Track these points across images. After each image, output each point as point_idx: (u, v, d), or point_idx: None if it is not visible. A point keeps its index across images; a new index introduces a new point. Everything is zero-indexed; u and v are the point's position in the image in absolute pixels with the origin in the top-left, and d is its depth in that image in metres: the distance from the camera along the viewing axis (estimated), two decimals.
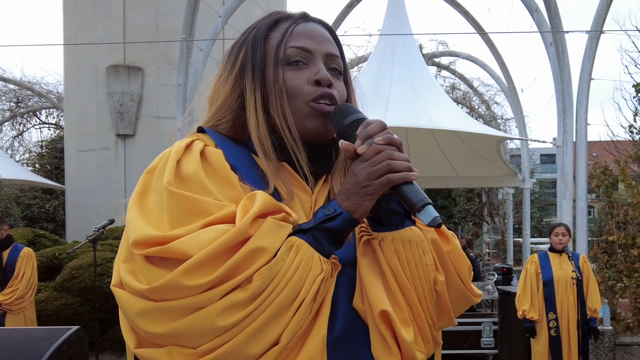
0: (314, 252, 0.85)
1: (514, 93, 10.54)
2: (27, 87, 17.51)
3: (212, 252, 0.78)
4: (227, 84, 1.04)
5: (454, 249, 1.00)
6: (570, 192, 6.38)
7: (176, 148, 0.96)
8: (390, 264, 0.92)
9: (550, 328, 4.87)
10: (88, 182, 11.49)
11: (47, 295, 6.32)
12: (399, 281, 0.92)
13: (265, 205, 0.85)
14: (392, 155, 0.88)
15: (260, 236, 0.81)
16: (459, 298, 1.02)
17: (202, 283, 0.77)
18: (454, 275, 1.00)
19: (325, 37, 1.05)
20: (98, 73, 11.37)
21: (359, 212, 0.88)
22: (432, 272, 0.96)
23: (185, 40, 6.85)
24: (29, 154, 19.01)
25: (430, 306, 0.96)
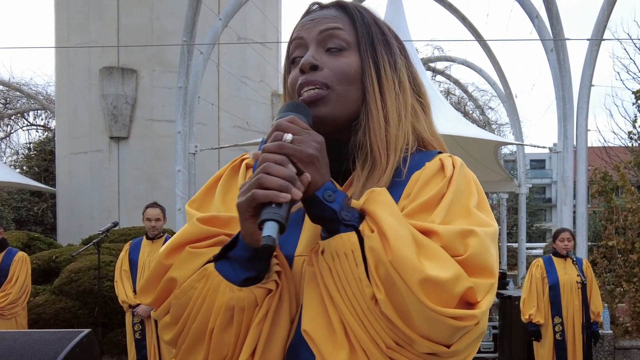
0: (222, 280, 0.83)
1: (510, 98, 10.62)
2: (16, 88, 17.29)
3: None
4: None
5: (396, 258, 0.77)
6: (570, 197, 6.43)
7: (227, 165, 1.06)
8: (323, 277, 0.83)
9: (556, 332, 4.91)
10: (80, 184, 11.36)
11: (46, 299, 6.22)
12: (332, 298, 0.82)
13: (186, 235, 0.89)
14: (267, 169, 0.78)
15: (175, 267, 0.87)
16: (424, 320, 0.77)
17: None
18: (405, 291, 0.76)
19: (321, 18, 0.98)
20: (91, 74, 11.25)
21: (246, 235, 0.81)
22: (367, 287, 0.79)
23: (186, 44, 6.81)
24: (16, 155, 18.77)
25: (380, 327, 0.79)
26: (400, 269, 0.76)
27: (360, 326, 0.80)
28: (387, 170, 0.93)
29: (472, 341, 0.84)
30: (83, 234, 10.04)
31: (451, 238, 0.81)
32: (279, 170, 0.77)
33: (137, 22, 11.10)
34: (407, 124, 0.97)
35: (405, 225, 0.80)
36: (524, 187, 10.42)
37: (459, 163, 0.94)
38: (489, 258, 0.82)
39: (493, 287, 0.83)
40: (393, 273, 0.76)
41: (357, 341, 0.81)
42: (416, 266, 0.76)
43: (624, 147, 13.60)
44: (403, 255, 0.77)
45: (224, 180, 1.01)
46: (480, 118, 15.26)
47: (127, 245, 5.02)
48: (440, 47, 13.95)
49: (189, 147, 6.91)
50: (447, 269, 0.78)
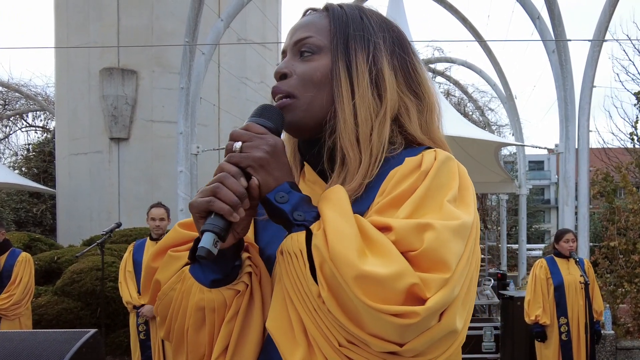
0: (194, 282, 0.88)
1: (510, 100, 10.64)
2: (15, 89, 17.25)
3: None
4: None
5: (333, 255, 0.76)
6: (572, 198, 6.45)
7: None
8: (282, 277, 0.85)
9: (562, 332, 4.92)
10: (80, 185, 11.34)
11: (48, 300, 6.21)
12: (290, 296, 0.83)
13: (168, 240, 0.96)
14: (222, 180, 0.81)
15: (158, 270, 0.93)
16: (369, 317, 0.75)
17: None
18: (343, 288, 0.75)
19: (300, 26, 1.00)
20: (91, 75, 11.23)
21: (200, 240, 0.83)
22: (312, 285, 0.79)
23: (188, 45, 6.81)
24: (15, 157, 18.72)
25: (332, 325, 0.78)
26: (337, 266, 0.75)
27: (314, 324, 0.80)
28: (359, 170, 0.91)
29: (437, 342, 0.79)
30: (83, 235, 10.02)
31: (406, 232, 0.78)
32: (216, 178, 0.82)
33: (137, 23, 11.09)
34: (385, 122, 0.94)
35: (350, 222, 0.79)
36: (524, 188, 10.44)
37: (442, 157, 0.90)
38: (446, 252, 0.77)
39: (449, 283, 0.77)
40: (334, 270, 0.76)
41: (313, 339, 0.81)
42: (351, 262, 0.75)
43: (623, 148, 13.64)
44: (338, 252, 0.76)
45: None
46: (480, 119, 15.28)
47: (131, 246, 5.01)
48: (440, 48, 13.99)
49: (191, 148, 6.91)
50: (390, 265, 0.75)
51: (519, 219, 10.81)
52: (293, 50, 0.98)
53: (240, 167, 0.83)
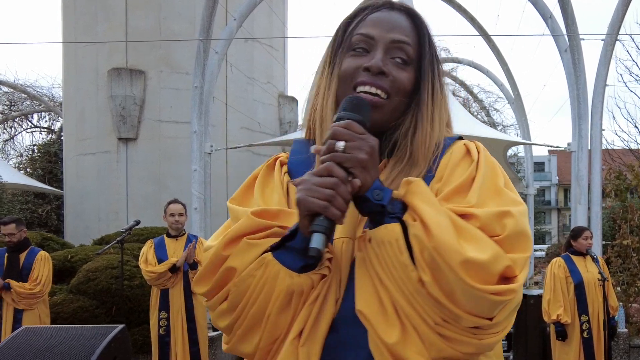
0: (281, 268, 0.91)
1: (518, 99, 10.67)
2: (21, 89, 17.28)
3: (204, 269, 0.96)
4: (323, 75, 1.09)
5: (438, 243, 0.85)
6: (584, 196, 6.48)
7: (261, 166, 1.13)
8: (371, 265, 0.91)
9: (583, 330, 4.92)
10: (88, 186, 11.35)
11: (63, 298, 6.22)
12: (381, 282, 0.90)
13: (241, 228, 0.95)
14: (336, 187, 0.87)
15: (233, 257, 0.93)
16: (468, 297, 0.85)
17: (203, 292, 0.97)
18: (448, 272, 0.84)
19: (395, 25, 1.04)
20: (99, 76, 11.25)
21: (304, 229, 0.89)
22: (412, 271, 0.86)
23: (202, 40, 6.84)
24: (20, 157, 18.74)
25: (428, 306, 0.87)
26: (442, 253, 0.85)
27: (410, 306, 0.88)
28: (423, 171, 1.02)
29: (510, 312, 0.91)
30: (90, 235, 10.03)
31: (489, 220, 0.89)
32: (329, 182, 0.86)
33: (145, 24, 11.11)
34: (443, 130, 1.07)
35: (444, 213, 0.89)
36: (531, 188, 10.47)
37: (481, 147, 1.03)
38: (524, 235, 0.90)
39: (528, 260, 0.91)
40: (436, 257, 0.85)
41: (407, 319, 0.88)
42: (456, 249, 0.85)
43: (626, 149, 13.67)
44: (444, 241, 0.85)
45: (261, 177, 1.09)
46: (485, 120, 15.32)
47: (150, 242, 5.03)
48: (446, 48, 14.02)
49: (205, 147, 6.93)
50: (486, 250, 0.86)
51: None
52: (387, 47, 1.03)
53: (343, 167, 0.88)
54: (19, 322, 5.09)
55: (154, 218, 7.79)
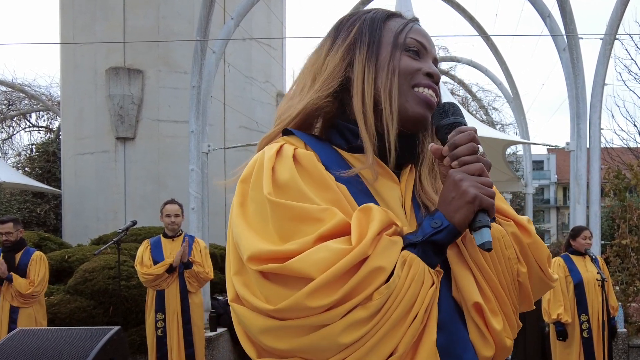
0: (424, 265, 0.89)
1: (517, 98, 10.65)
2: (19, 89, 17.25)
3: (334, 274, 0.81)
4: (337, 54, 1.07)
5: (535, 241, 1.04)
6: (583, 196, 6.45)
7: (268, 155, 0.96)
8: (475, 259, 0.96)
9: (583, 330, 4.92)
10: (86, 185, 11.32)
11: (60, 299, 6.20)
12: (484, 274, 0.96)
13: (382, 223, 0.88)
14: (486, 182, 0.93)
15: (377, 255, 0.84)
16: (539, 285, 1.07)
17: (325, 304, 0.81)
18: (534, 265, 1.04)
19: (433, 43, 1.13)
20: (97, 75, 11.22)
21: (465, 225, 0.91)
22: (515, 264, 1.01)
23: (199, 40, 6.81)
24: (19, 157, 18.71)
25: (514, 295, 1.01)
26: (536, 249, 1.04)
27: (507, 295, 0.99)
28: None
29: None
30: (89, 235, 10.01)
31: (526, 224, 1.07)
32: (490, 182, 0.93)
33: (143, 23, 11.08)
34: None
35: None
36: (530, 187, 10.46)
37: None
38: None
39: None
40: (531, 252, 1.04)
41: (504, 307, 0.99)
42: (544, 245, 1.06)
43: (625, 147, 13.65)
44: (537, 238, 1.05)
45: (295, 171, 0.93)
46: (484, 118, 15.31)
47: (146, 242, 5.01)
48: (445, 47, 13.98)
49: (202, 147, 6.90)
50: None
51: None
52: (432, 61, 1.10)
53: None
54: (14, 322, 5.08)
55: (152, 217, 7.75)
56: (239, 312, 0.87)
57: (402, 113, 1.02)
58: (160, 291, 4.79)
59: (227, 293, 0.93)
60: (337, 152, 1.04)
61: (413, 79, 1.05)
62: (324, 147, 1.04)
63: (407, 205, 1.03)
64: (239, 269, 0.89)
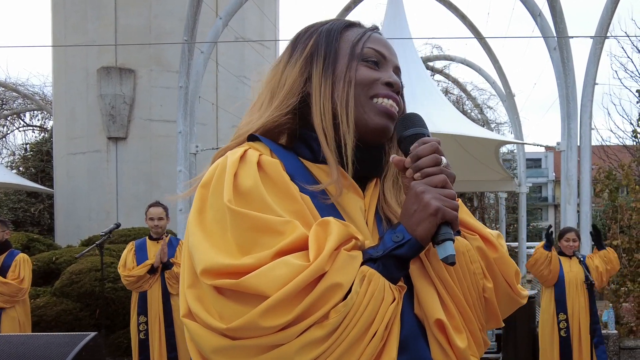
0: (385, 281, 0.85)
1: (510, 97, 10.61)
2: (12, 88, 17.17)
3: (289, 292, 0.77)
4: (294, 69, 1.04)
5: (501, 256, 1.01)
6: (574, 196, 6.41)
7: (230, 160, 0.92)
8: (439, 274, 0.93)
9: (561, 329, 4.94)
10: (78, 185, 11.28)
11: (47, 301, 6.15)
12: (448, 290, 0.93)
13: (340, 237, 0.84)
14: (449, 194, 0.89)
15: (335, 271, 0.81)
16: (507, 301, 1.04)
17: (280, 323, 0.77)
18: (501, 281, 1.01)
19: (394, 52, 1.08)
20: (89, 75, 11.17)
21: (427, 238, 0.88)
22: (481, 280, 0.98)
23: (187, 43, 6.75)
24: (12, 156, 18.64)
25: (480, 311, 0.98)
26: (503, 264, 1.01)
27: (473, 311, 0.96)
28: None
29: None
30: (81, 235, 9.96)
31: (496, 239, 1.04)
32: (453, 194, 0.89)
33: (135, 22, 11.02)
34: None
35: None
36: (524, 187, 10.43)
37: None
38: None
39: None
40: (497, 267, 1.01)
41: (469, 324, 0.95)
42: (512, 261, 1.03)
43: (621, 145, 13.62)
44: (504, 253, 1.02)
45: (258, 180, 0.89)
46: (478, 117, 15.26)
47: (131, 244, 4.95)
48: (439, 45, 13.94)
49: (190, 147, 6.85)
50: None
51: (518, 217, 10.78)
52: (393, 71, 1.05)
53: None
54: None
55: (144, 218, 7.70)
56: (191, 329, 0.82)
57: (362, 125, 0.99)
58: (143, 293, 4.73)
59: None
60: (302, 163, 1.01)
61: (371, 89, 1.01)
62: (290, 156, 1.01)
63: (370, 219, 1.00)
64: (193, 282, 0.84)
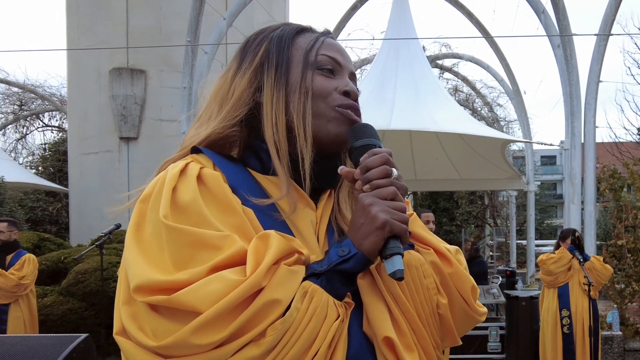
0: (329, 297, 0.82)
1: (518, 95, 10.50)
2: (30, 89, 17.50)
3: (223, 308, 0.74)
4: (243, 79, 1.00)
5: (456, 271, 0.97)
6: (578, 195, 6.33)
7: (170, 173, 0.89)
8: (390, 289, 0.89)
9: (564, 325, 4.95)
10: (90, 185, 11.46)
11: (53, 300, 6.28)
12: (400, 306, 0.90)
13: (279, 251, 0.81)
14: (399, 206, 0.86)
15: (273, 287, 0.77)
16: (463, 318, 0.99)
17: (213, 341, 0.74)
18: (456, 296, 0.97)
19: (349, 58, 1.05)
20: (101, 76, 11.34)
21: (374, 252, 0.85)
22: (434, 295, 0.94)
23: (190, 45, 6.82)
24: (32, 156, 19.01)
25: (434, 329, 0.94)
26: (458, 279, 0.97)
27: (425, 328, 0.92)
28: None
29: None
30: (93, 234, 10.11)
31: (453, 254, 1.00)
32: (403, 207, 0.86)
33: (145, 22, 11.15)
34: None
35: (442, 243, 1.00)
36: (532, 185, 10.31)
37: None
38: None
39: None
40: (452, 282, 0.97)
41: (421, 342, 0.92)
42: (468, 276, 0.99)
43: (635, 142, 13.39)
44: (458, 268, 0.97)
45: (198, 193, 0.87)
46: (488, 115, 15.12)
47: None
48: (447, 44, 13.82)
49: None
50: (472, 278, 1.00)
51: (527, 216, 10.67)
52: (349, 76, 1.04)
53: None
54: (4, 323, 5.16)
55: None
56: (124, 347, 0.79)
57: (323, 135, 0.97)
58: None
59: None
60: (251, 175, 0.97)
61: (330, 99, 0.98)
62: (236, 168, 0.97)
63: (322, 232, 0.96)
64: (128, 299, 0.81)
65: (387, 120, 7.08)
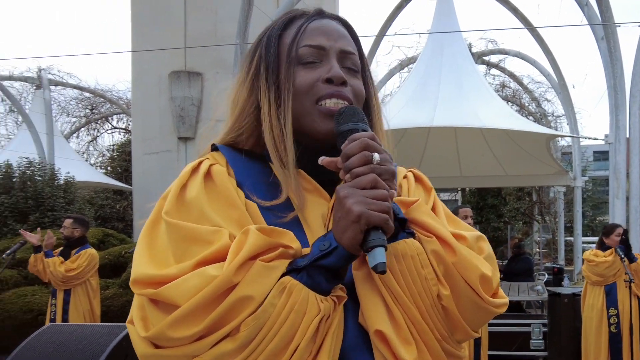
0: (309, 292, 0.81)
1: (564, 89, 10.26)
2: (100, 94, 18.56)
3: (197, 303, 0.76)
4: (244, 88, 1.02)
5: (460, 259, 0.88)
6: (623, 190, 6.20)
7: (183, 171, 0.94)
8: (385, 281, 0.86)
9: (611, 324, 4.81)
10: (152, 183, 12.06)
11: (114, 292, 6.75)
12: (397, 298, 0.86)
13: (254, 247, 0.80)
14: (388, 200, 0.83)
15: (246, 284, 0.78)
16: (473, 310, 0.90)
17: (189, 335, 0.77)
18: (462, 286, 0.88)
19: (341, 34, 1.00)
20: (161, 79, 11.95)
21: (355, 246, 0.82)
22: (434, 285, 0.88)
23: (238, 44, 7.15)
24: (102, 157, 20.13)
25: (437, 321, 0.88)
26: (463, 268, 0.88)
27: (426, 320, 0.87)
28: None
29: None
30: None
31: (473, 241, 0.93)
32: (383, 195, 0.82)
33: (202, 26, 11.65)
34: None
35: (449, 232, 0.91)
36: (579, 180, 10.04)
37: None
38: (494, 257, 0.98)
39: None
40: (456, 271, 0.88)
41: (421, 335, 0.88)
42: (476, 265, 0.89)
43: None
44: (464, 255, 0.89)
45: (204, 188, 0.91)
46: (536, 110, 14.77)
47: None
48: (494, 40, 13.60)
49: None
50: (487, 267, 0.91)
51: (574, 212, 10.38)
52: (338, 57, 0.98)
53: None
54: (66, 312, 5.47)
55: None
56: (131, 334, 0.85)
57: (315, 133, 0.95)
58: None
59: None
60: (269, 170, 0.97)
61: (313, 93, 0.95)
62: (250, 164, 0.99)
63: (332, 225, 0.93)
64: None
65: (431, 116, 7.15)
